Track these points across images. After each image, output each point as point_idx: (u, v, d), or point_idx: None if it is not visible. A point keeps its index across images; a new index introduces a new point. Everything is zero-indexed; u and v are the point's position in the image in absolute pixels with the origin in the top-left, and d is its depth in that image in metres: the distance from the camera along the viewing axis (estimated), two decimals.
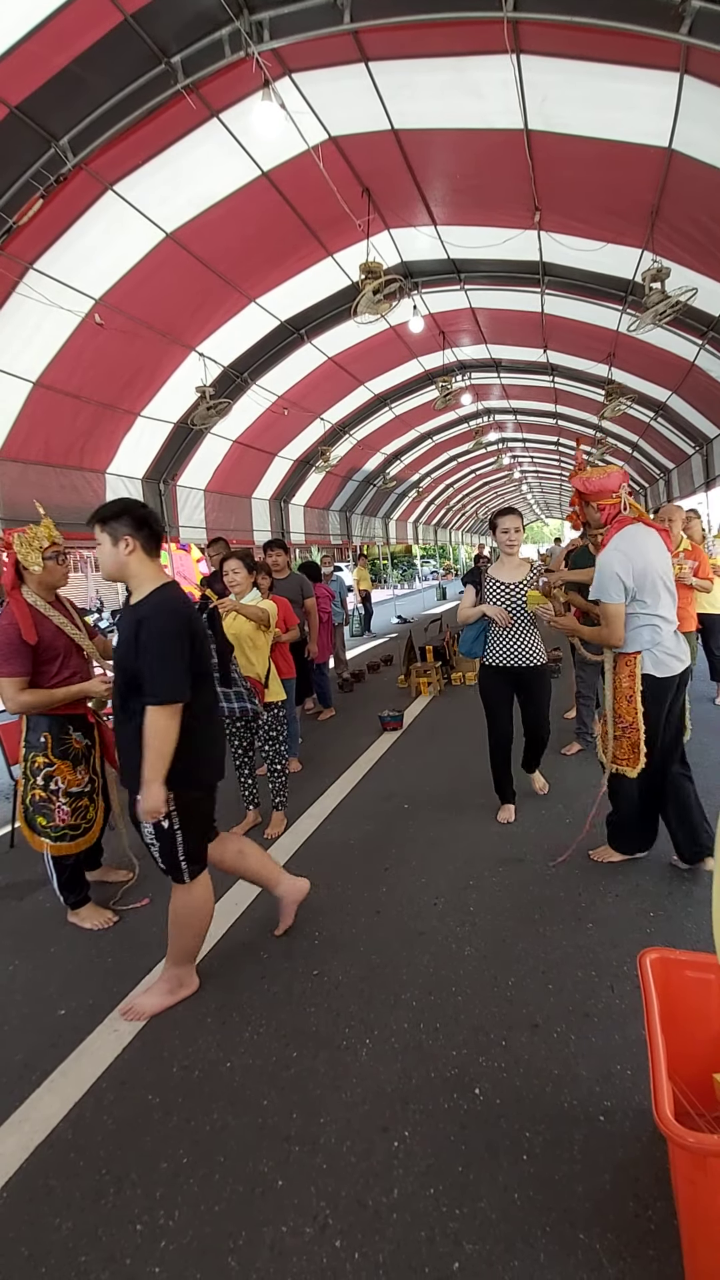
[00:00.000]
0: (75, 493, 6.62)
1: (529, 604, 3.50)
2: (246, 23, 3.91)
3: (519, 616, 3.55)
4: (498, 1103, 1.87)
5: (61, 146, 4.17)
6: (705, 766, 4.31)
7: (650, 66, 3.86)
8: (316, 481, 12.05)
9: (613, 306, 7.13)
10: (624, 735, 2.92)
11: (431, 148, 5.31)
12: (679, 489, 11.52)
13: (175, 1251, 1.53)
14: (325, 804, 4.23)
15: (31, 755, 2.80)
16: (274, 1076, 2.03)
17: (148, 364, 6.65)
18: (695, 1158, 1.25)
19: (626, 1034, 2.08)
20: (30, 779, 2.80)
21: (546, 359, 9.81)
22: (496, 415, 14.75)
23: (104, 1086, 2.05)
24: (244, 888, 3.20)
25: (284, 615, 4.27)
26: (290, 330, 7.80)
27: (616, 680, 2.94)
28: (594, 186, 5.24)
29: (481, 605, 3.60)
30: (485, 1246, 1.49)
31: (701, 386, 7.94)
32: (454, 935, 2.70)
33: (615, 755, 2.96)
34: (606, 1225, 1.51)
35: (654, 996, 1.56)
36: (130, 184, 4.80)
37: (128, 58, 3.93)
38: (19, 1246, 1.57)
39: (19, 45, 3.52)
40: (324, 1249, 1.51)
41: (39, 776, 2.80)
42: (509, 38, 3.85)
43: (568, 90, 4.30)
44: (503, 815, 3.76)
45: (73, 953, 2.81)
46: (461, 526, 29.10)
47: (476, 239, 6.55)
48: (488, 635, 3.69)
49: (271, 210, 5.74)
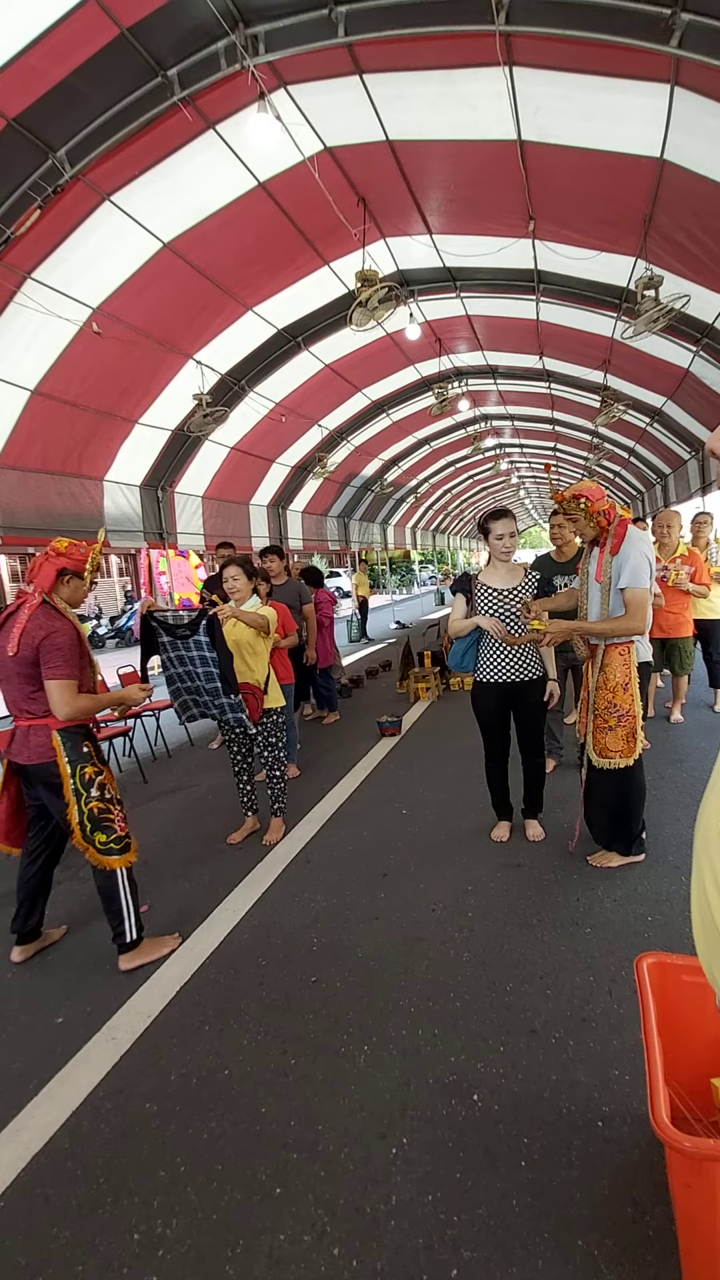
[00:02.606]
0: (73, 500, 6.64)
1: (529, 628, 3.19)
2: (242, 36, 3.95)
3: (514, 626, 3.29)
4: (496, 1109, 1.87)
5: (59, 158, 4.21)
6: (705, 774, 4.32)
7: (641, 78, 3.91)
8: (314, 488, 12.10)
9: (607, 314, 7.18)
10: (620, 725, 3.00)
11: (426, 158, 5.36)
12: (675, 494, 11.57)
13: (173, 1260, 1.53)
14: (323, 810, 4.23)
15: (80, 768, 2.63)
16: (272, 1084, 2.02)
17: (145, 372, 6.69)
18: (692, 1163, 1.26)
19: (624, 1039, 2.08)
20: (84, 793, 2.61)
21: (542, 365, 9.87)
22: (493, 421, 14.82)
23: (101, 1095, 2.04)
24: (240, 895, 3.20)
25: (282, 621, 4.28)
26: (287, 338, 7.84)
27: (608, 673, 3.02)
28: (587, 196, 5.29)
29: (474, 616, 3.35)
30: (483, 1253, 1.49)
31: (697, 392, 7.99)
32: (452, 941, 2.69)
33: (607, 747, 3.02)
34: (605, 1231, 1.51)
35: (651, 1001, 1.56)
36: (127, 194, 4.84)
37: (125, 70, 3.97)
38: (16, 1256, 1.57)
39: (17, 58, 3.56)
40: (322, 1257, 1.51)
41: (93, 789, 2.64)
42: (501, 50, 3.90)
43: (560, 102, 4.35)
44: (497, 833, 3.60)
45: (71, 961, 2.80)
46: (460, 531, 29.17)
47: (472, 248, 6.60)
48: (480, 648, 3.43)
49: (268, 220, 5.78)
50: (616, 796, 3.08)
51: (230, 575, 3.72)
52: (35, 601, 2.61)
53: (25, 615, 2.57)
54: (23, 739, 2.65)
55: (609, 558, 2.99)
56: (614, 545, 2.99)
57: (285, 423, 9.41)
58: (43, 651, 2.53)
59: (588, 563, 3.19)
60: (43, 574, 2.68)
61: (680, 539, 5.40)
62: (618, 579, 2.95)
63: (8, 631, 2.59)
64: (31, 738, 2.63)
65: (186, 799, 4.69)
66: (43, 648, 2.53)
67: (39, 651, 2.53)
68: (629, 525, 3.02)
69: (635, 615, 2.89)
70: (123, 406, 6.79)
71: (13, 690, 2.65)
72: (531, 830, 3.57)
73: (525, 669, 3.33)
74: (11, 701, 2.68)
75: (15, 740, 2.69)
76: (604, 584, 3.02)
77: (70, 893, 3.42)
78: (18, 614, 2.60)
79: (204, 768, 5.46)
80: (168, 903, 3.17)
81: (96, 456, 6.89)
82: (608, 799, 3.11)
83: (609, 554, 3.00)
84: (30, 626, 2.54)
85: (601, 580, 3.03)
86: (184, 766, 5.56)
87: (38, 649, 2.53)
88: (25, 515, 6.08)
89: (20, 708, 2.65)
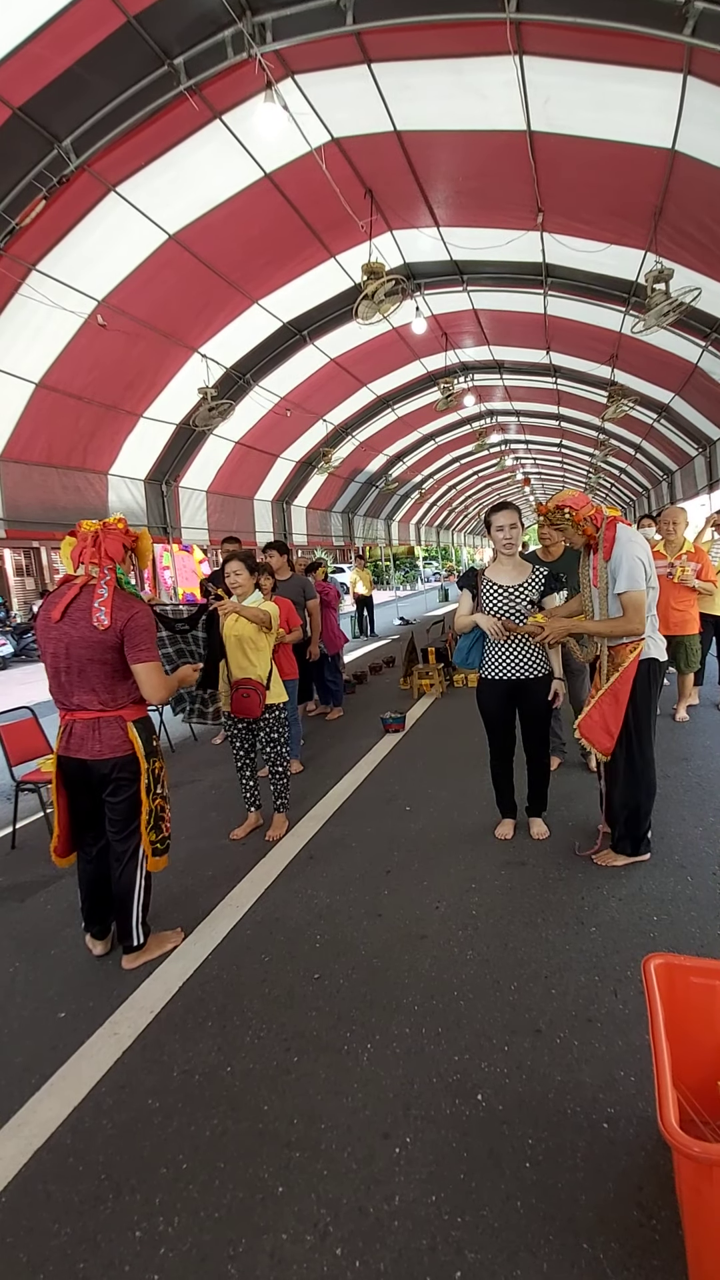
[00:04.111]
0: (78, 494, 6.63)
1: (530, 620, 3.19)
2: (249, 24, 3.91)
3: (520, 622, 3.22)
4: (500, 1109, 1.85)
5: (64, 148, 4.18)
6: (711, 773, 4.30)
7: (653, 68, 3.86)
8: (319, 483, 12.06)
9: (616, 308, 7.12)
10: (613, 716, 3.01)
11: (434, 149, 5.31)
12: (682, 491, 11.50)
13: (175, 1259, 1.52)
14: (327, 806, 4.22)
15: (153, 762, 2.53)
16: (274, 1081, 2.01)
17: (150, 365, 6.67)
18: (700, 1167, 1.24)
19: (630, 1040, 2.06)
20: (153, 789, 2.52)
21: (549, 360, 9.80)
22: (499, 417, 14.76)
23: (103, 1091, 2.03)
24: (243, 891, 3.19)
25: (286, 616, 4.26)
26: (293, 331, 7.80)
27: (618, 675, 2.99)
28: (597, 188, 5.23)
29: (475, 615, 3.29)
30: (488, 1255, 1.48)
31: (705, 388, 7.93)
32: (456, 939, 2.68)
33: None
34: (610, 1234, 1.50)
35: (658, 1002, 1.54)
36: (133, 185, 4.81)
37: (130, 59, 3.94)
38: (17, 1252, 1.56)
39: (22, 47, 3.53)
40: (325, 1257, 1.50)
41: (159, 785, 2.54)
42: (511, 39, 3.85)
43: (571, 91, 4.29)
44: (501, 831, 3.56)
45: (73, 955, 2.80)
46: (464, 528, 29.09)
47: (479, 240, 6.55)
48: (485, 645, 3.37)
49: (274, 212, 5.74)
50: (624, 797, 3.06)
51: (233, 570, 3.70)
52: (112, 578, 2.45)
53: (108, 593, 2.40)
54: (88, 733, 2.45)
55: (604, 563, 2.99)
56: (606, 549, 2.98)
57: (290, 417, 9.37)
58: (128, 634, 2.38)
59: (585, 569, 3.19)
60: (112, 547, 2.49)
61: (685, 536, 5.35)
62: (614, 583, 2.95)
63: (85, 612, 2.39)
64: (103, 730, 2.44)
65: (189, 794, 4.69)
66: (128, 630, 2.38)
67: (123, 635, 2.38)
68: (618, 525, 3.01)
69: (633, 617, 2.91)
70: (127, 400, 6.77)
71: (82, 679, 2.43)
72: (536, 828, 3.54)
73: (531, 666, 3.28)
74: (79, 691, 2.45)
75: (75, 735, 2.46)
76: (601, 589, 3.03)
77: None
78: (91, 591, 2.42)
79: (207, 763, 5.46)
80: (170, 898, 3.16)
81: (101, 450, 6.87)
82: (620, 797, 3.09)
83: (603, 559, 3.00)
84: (117, 605, 2.39)
85: (599, 585, 3.05)
86: (187, 762, 5.56)
87: (121, 632, 2.38)
88: (30, 509, 6.07)
89: (90, 697, 2.45)
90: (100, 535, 2.52)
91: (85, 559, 2.50)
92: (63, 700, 2.50)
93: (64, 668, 2.43)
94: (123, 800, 2.52)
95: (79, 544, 2.54)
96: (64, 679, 2.46)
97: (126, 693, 2.51)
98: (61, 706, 2.52)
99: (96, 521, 2.58)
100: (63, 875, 3.45)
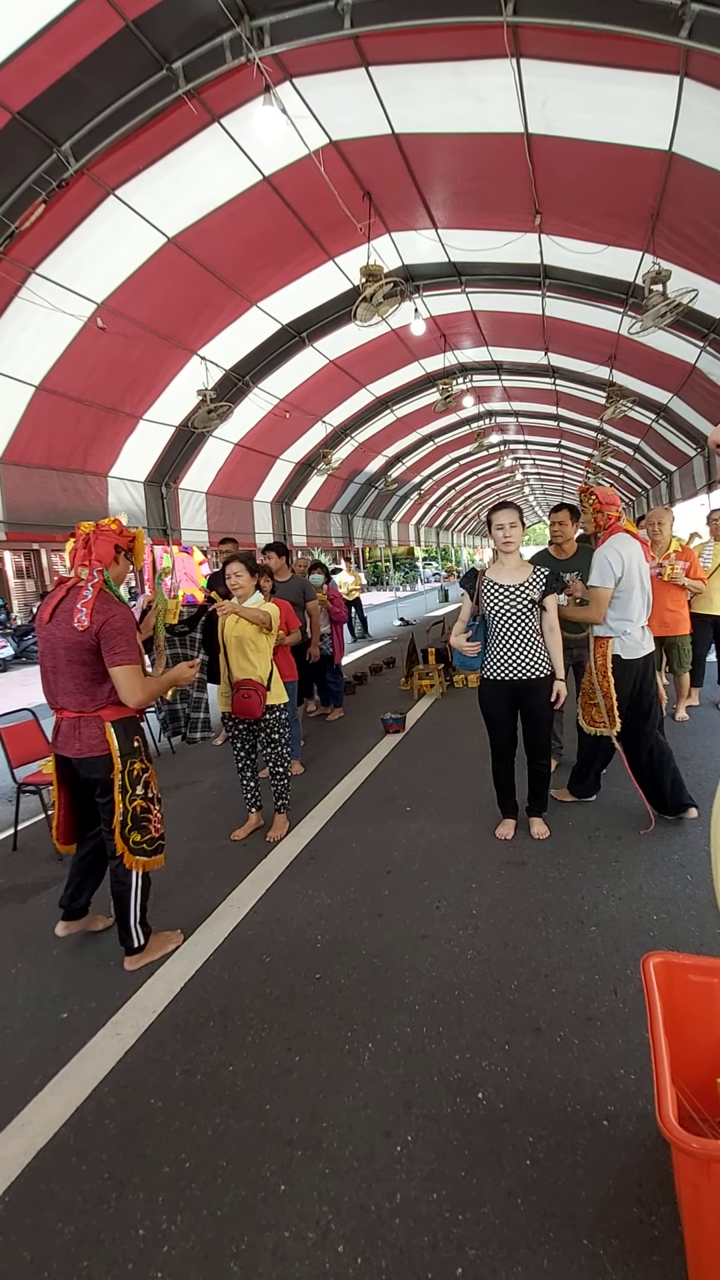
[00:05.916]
0: (78, 496, 6.65)
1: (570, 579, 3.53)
2: (247, 28, 3.93)
3: (522, 624, 3.26)
4: (501, 1107, 1.86)
5: (63, 152, 4.20)
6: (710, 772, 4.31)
7: (650, 70, 3.87)
8: (318, 484, 12.08)
9: (614, 309, 7.14)
10: (602, 703, 3.56)
11: (432, 151, 5.33)
12: (681, 491, 11.52)
13: (177, 1256, 1.53)
14: (328, 807, 4.23)
15: (130, 763, 2.52)
16: (276, 1080, 2.02)
17: (149, 367, 6.68)
18: (699, 1163, 1.25)
19: (629, 1038, 2.07)
20: (129, 790, 2.52)
21: (548, 361, 9.82)
22: (498, 417, 14.78)
23: (106, 1090, 2.04)
24: (244, 891, 3.20)
25: (285, 618, 4.27)
26: (291, 333, 7.82)
27: (594, 660, 3.60)
28: (595, 190, 5.25)
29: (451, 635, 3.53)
30: (488, 1252, 1.49)
31: (702, 389, 7.94)
32: (456, 939, 2.69)
33: (593, 719, 3.62)
34: (610, 1231, 1.51)
35: (657, 1001, 1.55)
36: (132, 189, 4.83)
37: (129, 63, 3.95)
38: (21, 1251, 1.57)
39: (21, 51, 3.55)
40: (326, 1254, 1.51)
41: (139, 785, 2.54)
42: (509, 42, 3.87)
43: (568, 94, 4.31)
44: (501, 831, 3.57)
45: (76, 956, 2.81)
46: (464, 529, 29.11)
47: (477, 242, 6.57)
48: (486, 645, 3.39)
49: (273, 214, 5.76)
50: (579, 756, 3.79)
51: (233, 571, 3.71)
52: (99, 580, 2.47)
53: (93, 594, 2.42)
54: (71, 731, 2.51)
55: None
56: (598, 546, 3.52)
57: (289, 419, 9.39)
58: (104, 637, 2.39)
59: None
60: (101, 549, 2.52)
61: (673, 535, 5.35)
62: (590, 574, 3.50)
63: (68, 613, 2.43)
64: (82, 730, 2.49)
65: (190, 795, 4.70)
66: (104, 633, 2.39)
67: (99, 637, 2.40)
68: (618, 533, 3.50)
69: (593, 609, 3.47)
70: (127, 402, 6.79)
71: (64, 680, 2.49)
72: (536, 828, 3.55)
73: (532, 667, 3.30)
74: (61, 692, 2.52)
75: (62, 733, 2.54)
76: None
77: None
78: (77, 593, 2.45)
79: (207, 764, 5.46)
80: (172, 899, 3.17)
81: (101, 452, 6.89)
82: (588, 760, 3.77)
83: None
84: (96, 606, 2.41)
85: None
86: (188, 763, 5.57)
87: (98, 634, 2.40)
88: (30, 511, 6.09)
89: (70, 699, 2.50)
90: (91, 537, 2.56)
91: (77, 561, 2.55)
92: (51, 699, 2.57)
93: (50, 667, 2.51)
94: (109, 799, 2.55)
95: (74, 546, 2.59)
96: (51, 679, 2.53)
97: (106, 694, 2.51)
98: (51, 705, 2.59)
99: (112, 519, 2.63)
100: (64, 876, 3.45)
